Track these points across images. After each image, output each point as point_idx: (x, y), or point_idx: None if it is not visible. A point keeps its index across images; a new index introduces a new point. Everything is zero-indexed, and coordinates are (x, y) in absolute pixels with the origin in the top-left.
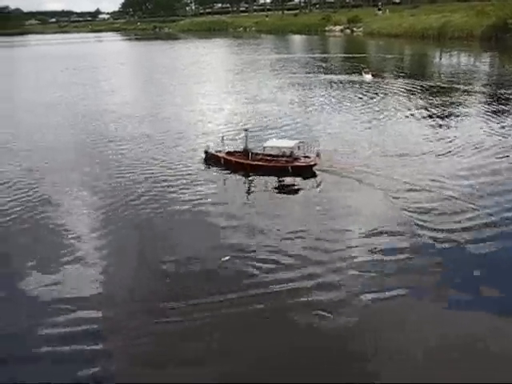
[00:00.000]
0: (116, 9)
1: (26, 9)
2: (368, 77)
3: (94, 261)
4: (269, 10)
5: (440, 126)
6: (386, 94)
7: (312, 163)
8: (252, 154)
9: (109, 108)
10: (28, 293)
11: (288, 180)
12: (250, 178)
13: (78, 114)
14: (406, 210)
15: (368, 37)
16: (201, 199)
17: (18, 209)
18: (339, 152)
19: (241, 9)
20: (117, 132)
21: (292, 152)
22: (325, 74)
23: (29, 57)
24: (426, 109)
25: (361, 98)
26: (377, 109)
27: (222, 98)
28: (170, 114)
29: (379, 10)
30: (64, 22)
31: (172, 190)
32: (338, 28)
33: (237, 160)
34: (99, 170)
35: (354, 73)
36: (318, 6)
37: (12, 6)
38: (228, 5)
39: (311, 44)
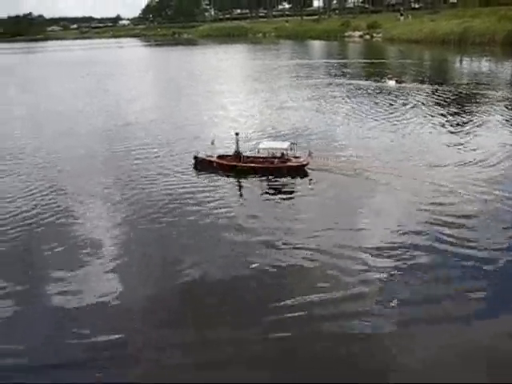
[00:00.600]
0: (136, 15)
1: (48, 15)
2: (392, 83)
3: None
4: (288, 15)
5: (465, 133)
6: (410, 100)
7: (304, 163)
8: (243, 156)
9: (131, 115)
10: (49, 302)
11: (283, 180)
12: (247, 180)
13: (105, 121)
14: (429, 214)
15: (387, 42)
16: (209, 205)
17: (40, 217)
18: (364, 156)
19: (260, 14)
20: (141, 139)
21: (283, 153)
22: (346, 79)
23: (50, 62)
24: (451, 115)
25: (386, 105)
26: (403, 116)
27: (244, 104)
28: (194, 121)
29: (401, 15)
30: (85, 27)
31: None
32: (357, 34)
33: (230, 163)
34: (122, 180)
35: (376, 78)
36: (337, 11)
37: (35, 13)
38: (247, 10)
39: (331, 49)
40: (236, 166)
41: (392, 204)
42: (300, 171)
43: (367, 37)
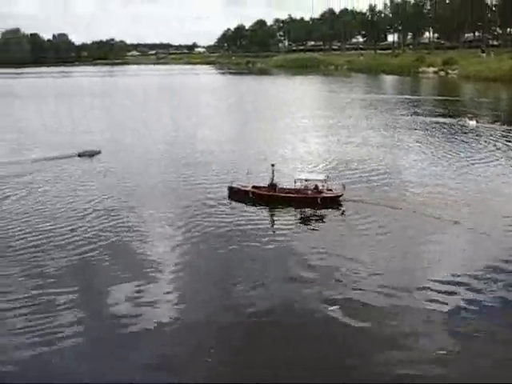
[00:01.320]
0: (211, 43)
1: (129, 41)
2: (472, 123)
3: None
4: (361, 48)
5: None
6: (491, 141)
7: (339, 194)
8: (278, 187)
9: (205, 142)
10: (110, 312)
11: (322, 211)
12: (284, 210)
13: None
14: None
15: (463, 80)
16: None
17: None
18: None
19: (333, 47)
20: (215, 164)
21: (317, 185)
22: (421, 116)
23: (132, 86)
24: None
25: (465, 145)
26: (481, 158)
27: (314, 136)
28: (270, 151)
29: (482, 52)
30: (162, 53)
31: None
32: (431, 70)
33: (266, 193)
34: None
35: (453, 117)
36: (411, 46)
37: (117, 39)
38: (320, 42)
39: (404, 85)
40: (271, 196)
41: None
42: (335, 202)
43: (442, 73)
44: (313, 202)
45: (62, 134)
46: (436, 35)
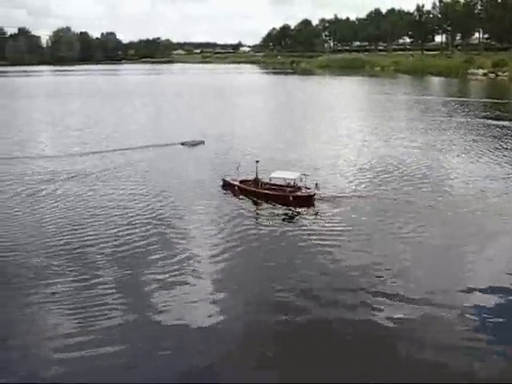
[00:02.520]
0: (256, 42)
1: (175, 40)
2: None
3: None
4: (408, 49)
5: None
6: None
7: (312, 193)
8: (261, 183)
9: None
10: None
11: (292, 210)
12: (260, 206)
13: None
14: None
15: None
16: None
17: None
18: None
19: (379, 48)
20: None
21: (295, 182)
22: (472, 118)
23: (185, 84)
24: None
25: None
26: None
27: (359, 139)
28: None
29: None
30: (207, 52)
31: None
32: (481, 71)
33: (248, 188)
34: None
35: (506, 119)
36: (459, 47)
37: (163, 38)
38: (366, 43)
39: (453, 87)
40: (253, 191)
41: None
42: (308, 201)
43: (492, 75)
44: (286, 200)
45: (158, 127)
46: (486, 36)
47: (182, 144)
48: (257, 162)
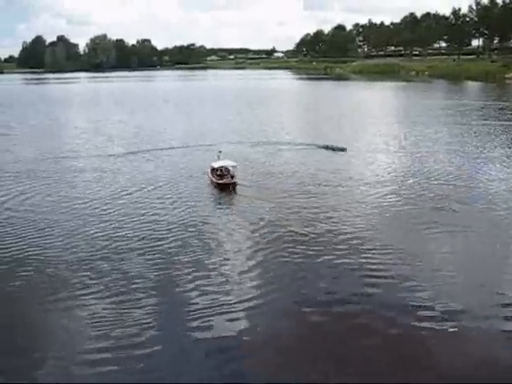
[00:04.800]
0: (290, 47)
1: (209, 46)
2: None
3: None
4: (443, 54)
5: None
6: None
7: (234, 181)
8: (217, 173)
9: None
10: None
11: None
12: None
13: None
14: None
15: None
16: None
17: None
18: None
19: (414, 52)
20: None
21: (232, 172)
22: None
23: (229, 89)
24: None
25: None
26: None
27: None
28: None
29: None
30: (241, 58)
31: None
32: None
33: (210, 177)
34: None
35: None
36: (496, 51)
37: (197, 44)
38: (401, 47)
39: (491, 92)
40: (212, 181)
41: None
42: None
43: None
44: (229, 188)
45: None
46: None
47: (325, 148)
48: (219, 152)
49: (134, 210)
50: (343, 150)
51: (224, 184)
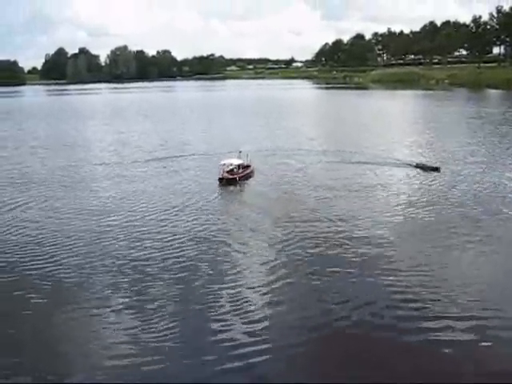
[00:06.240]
0: (309, 57)
1: (228, 56)
2: None
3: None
4: (463, 62)
5: None
6: None
7: (236, 176)
8: (228, 170)
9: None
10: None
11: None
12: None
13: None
14: None
15: None
16: None
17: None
18: None
19: (434, 60)
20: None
21: (234, 168)
22: None
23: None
24: None
25: None
26: None
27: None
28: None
29: None
30: (260, 68)
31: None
32: None
33: (222, 173)
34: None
35: None
36: None
37: (217, 54)
38: (420, 56)
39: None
40: (223, 176)
41: None
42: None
43: None
44: (235, 182)
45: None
46: None
47: (417, 167)
48: (240, 152)
49: (155, 214)
50: (437, 169)
51: (219, 178)
